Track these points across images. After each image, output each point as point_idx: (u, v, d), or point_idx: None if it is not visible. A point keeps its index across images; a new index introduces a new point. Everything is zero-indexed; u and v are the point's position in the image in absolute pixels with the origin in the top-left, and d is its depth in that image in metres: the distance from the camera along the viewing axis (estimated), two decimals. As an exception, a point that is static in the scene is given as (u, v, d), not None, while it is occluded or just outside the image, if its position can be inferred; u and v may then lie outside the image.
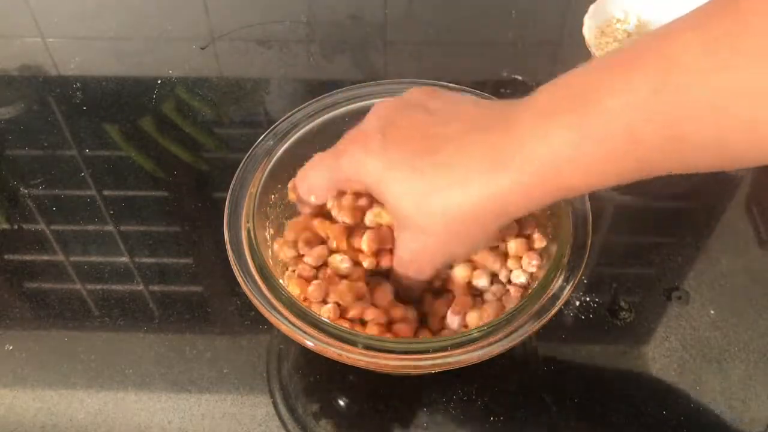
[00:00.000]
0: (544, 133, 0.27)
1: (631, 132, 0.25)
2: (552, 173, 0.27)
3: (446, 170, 0.29)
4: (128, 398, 0.40)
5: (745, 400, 0.40)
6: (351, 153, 0.32)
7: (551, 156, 0.27)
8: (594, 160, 0.26)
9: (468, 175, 0.29)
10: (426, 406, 0.40)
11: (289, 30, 0.64)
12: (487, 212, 0.30)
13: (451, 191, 0.29)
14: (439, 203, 0.30)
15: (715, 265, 0.47)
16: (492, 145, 0.29)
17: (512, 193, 0.29)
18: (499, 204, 0.29)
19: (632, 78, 0.25)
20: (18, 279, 0.46)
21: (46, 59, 0.62)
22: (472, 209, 0.29)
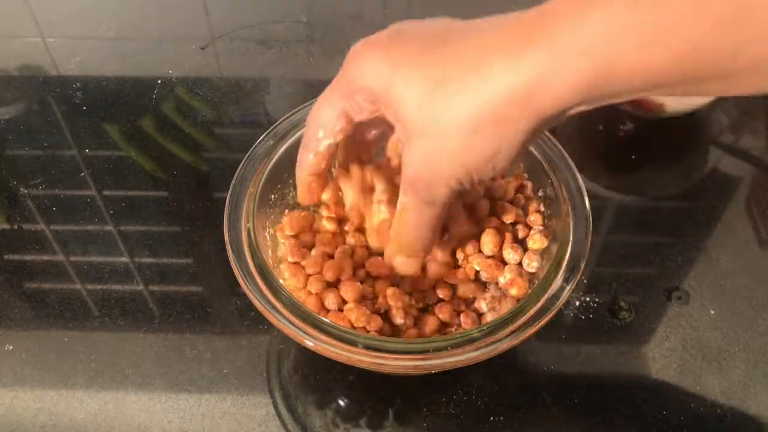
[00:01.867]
0: (571, 25, 0.23)
1: (677, 25, 0.21)
2: (590, 55, 0.23)
3: (463, 58, 0.25)
4: (128, 398, 0.40)
5: (745, 400, 0.40)
6: (354, 59, 0.29)
7: (593, 31, 0.23)
8: (645, 39, 0.22)
9: (489, 59, 0.25)
10: (426, 406, 0.40)
11: (289, 30, 0.64)
12: (510, 106, 0.25)
13: (467, 82, 0.25)
14: (455, 97, 0.25)
15: (715, 265, 0.47)
16: (519, 26, 0.24)
17: (541, 82, 0.24)
18: (525, 95, 0.24)
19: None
20: (18, 279, 0.46)
21: (46, 59, 0.62)
22: (493, 102, 0.25)
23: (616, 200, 0.51)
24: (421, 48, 0.27)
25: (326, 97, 0.31)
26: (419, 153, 0.28)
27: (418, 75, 0.26)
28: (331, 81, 0.31)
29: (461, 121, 0.25)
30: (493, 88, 0.25)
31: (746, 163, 0.54)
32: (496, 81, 0.24)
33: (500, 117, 0.25)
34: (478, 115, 0.25)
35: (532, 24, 0.24)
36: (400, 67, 0.27)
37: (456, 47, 0.26)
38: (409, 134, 0.28)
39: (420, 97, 0.26)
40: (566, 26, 0.23)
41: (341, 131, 0.31)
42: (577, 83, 0.24)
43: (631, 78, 0.23)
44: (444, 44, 0.26)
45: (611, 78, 0.23)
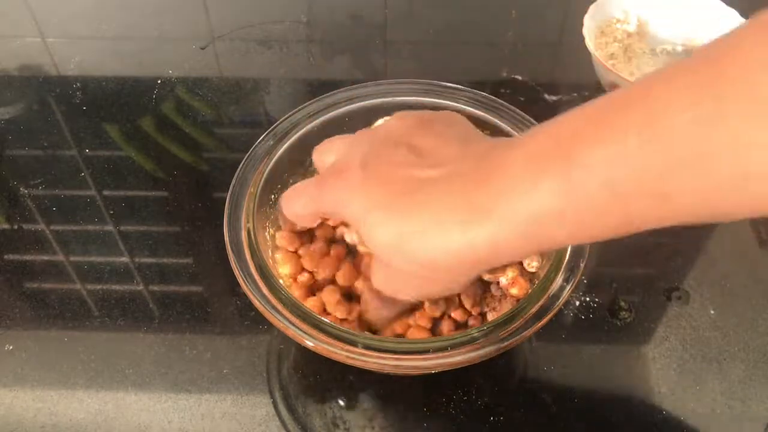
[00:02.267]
0: (525, 186, 0.26)
1: (614, 187, 0.24)
2: (533, 227, 0.26)
3: (425, 215, 0.28)
4: (128, 398, 0.40)
5: (745, 400, 0.40)
6: (332, 188, 0.32)
7: (532, 209, 0.26)
8: (577, 215, 0.25)
9: (445, 224, 0.28)
10: (426, 406, 0.40)
11: (289, 30, 0.64)
12: (463, 261, 0.28)
13: (428, 237, 0.28)
14: (417, 247, 0.29)
15: (715, 265, 0.47)
16: (468, 196, 0.28)
17: (490, 245, 0.27)
18: (476, 254, 0.28)
19: (616, 130, 0.23)
20: (18, 279, 0.46)
21: (46, 59, 0.62)
22: (448, 257, 0.28)
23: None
24: (390, 195, 0.30)
25: (301, 197, 0.35)
26: (384, 276, 0.33)
27: (389, 223, 0.29)
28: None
29: (424, 265, 0.29)
30: (450, 249, 0.28)
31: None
32: (453, 243, 0.28)
33: (454, 267, 0.29)
34: (438, 264, 0.29)
35: (478, 197, 0.27)
36: (373, 210, 0.30)
37: (421, 204, 0.29)
38: (379, 260, 0.33)
39: (392, 242, 0.29)
40: (508, 206, 0.27)
41: (312, 223, 0.38)
42: (518, 249, 0.28)
43: (571, 240, 0.29)
44: (412, 195, 0.29)
45: (552, 242, 0.27)
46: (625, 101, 0.24)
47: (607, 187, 0.24)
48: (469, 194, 0.28)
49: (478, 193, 0.27)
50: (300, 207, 0.35)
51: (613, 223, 0.26)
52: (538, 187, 0.25)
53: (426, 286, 0.32)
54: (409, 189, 0.29)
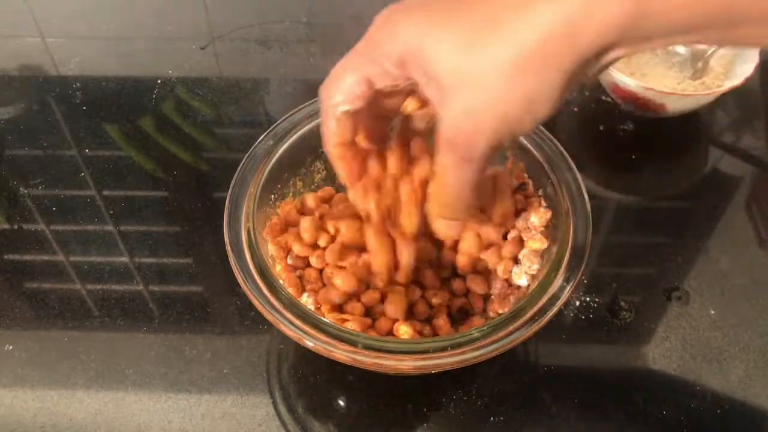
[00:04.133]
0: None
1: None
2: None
3: (496, 6, 0.25)
4: (128, 398, 0.40)
5: (745, 400, 0.40)
6: (383, 23, 0.28)
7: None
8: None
9: (525, 14, 0.24)
10: (426, 406, 0.40)
11: (289, 30, 0.64)
12: (553, 44, 0.24)
13: (507, 25, 0.24)
14: (495, 44, 0.25)
15: (715, 265, 0.47)
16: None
17: (581, 17, 0.23)
18: (566, 32, 0.24)
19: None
20: (18, 279, 0.46)
21: (46, 59, 0.62)
22: (535, 41, 0.24)
23: (616, 200, 0.51)
24: (454, 5, 0.26)
25: (347, 63, 0.30)
26: (458, 107, 0.27)
27: (454, 28, 0.25)
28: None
29: (503, 65, 0.25)
30: (534, 27, 0.24)
31: (746, 163, 0.54)
32: (537, 19, 0.24)
33: (543, 56, 0.24)
34: (520, 57, 0.24)
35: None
36: (435, 23, 0.26)
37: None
38: (445, 91, 0.27)
39: (458, 49, 0.25)
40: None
41: (360, 97, 0.30)
42: (616, 18, 0.23)
43: (668, 14, 0.23)
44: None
45: (650, 12, 0.23)
46: None
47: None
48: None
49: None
50: (344, 76, 0.30)
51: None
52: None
53: (510, 101, 0.26)
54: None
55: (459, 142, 0.28)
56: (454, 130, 0.28)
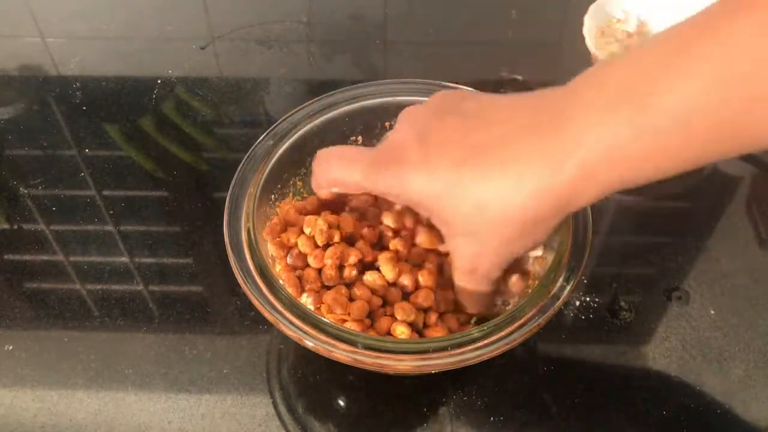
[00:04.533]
0: (599, 131, 0.27)
1: (689, 126, 0.25)
2: (609, 168, 0.27)
3: (502, 172, 0.29)
4: (128, 398, 0.40)
5: (745, 400, 0.40)
6: (390, 169, 0.31)
7: (608, 152, 0.27)
8: (653, 154, 0.26)
9: (523, 179, 0.28)
10: (426, 406, 0.40)
11: (289, 30, 0.64)
12: (545, 210, 0.29)
13: (506, 194, 0.29)
14: (496, 207, 0.29)
15: (715, 265, 0.47)
16: (545, 148, 0.28)
17: (570, 191, 0.28)
18: (557, 201, 0.29)
19: (686, 71, 0.25)
20: (18, 279, 0.46)
21: (46, 59, 0.62)
22: (530, 209, 0.29)
23: (616, 200, 0.51)
24: (452, 163, 0.30)
25: (350, 168, 0.34)
26: (469, 248, 0.32)
27: (460, 190, 0.29)
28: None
29: (506, 224, 0.30)
30: (532, 202, 0.29)
31: (746, 163, 0.54)
32: (534, 196, 0.28)
33: (538, 217, 0.29)
34: (521, 219, 0.29)
35: (555, 147, 0.28)
36: (438, 182, 0.30)
37: (492, 165, 0.29)
38: (454, 234, 0.32)
39: (467, 208, 0.30)
40: (585, 152, 0.27)
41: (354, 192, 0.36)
42: (598, 189, 0.28)
43: (645, 179, 0.28)
44: (479, 158, 0.29)
45: (629, 182, 0.28)
46: (687, 42, 0.26)
47: (684, 126, 0.25)
48: (542, 149, 0.28)
49: (550, 146, 0.28)
50: (346, 175, 0.34)
51: (686, 158, 0.27)
52: (608, 131, 0.26)
53: (510, 247, 0.31)
54: (473, 154, 0.29)
55: (477, 275, 0.33)
56: (463, 273, 0.34)
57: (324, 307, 0.35)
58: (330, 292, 0.36)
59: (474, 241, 0.31)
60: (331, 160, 0.35)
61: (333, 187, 0.36)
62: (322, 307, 0.36)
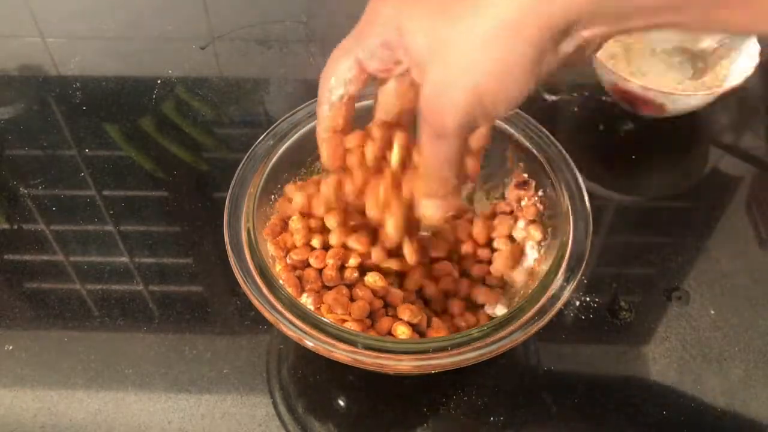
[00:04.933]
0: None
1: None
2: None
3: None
4: (128, 398, 0.40)
5: (745, 400, 0.40)
6: (369, 8, 0.29)
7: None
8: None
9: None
10: (426, 406, 0.40)
11: (289, 30, 0.64)
12: (517, 16, 0.24)
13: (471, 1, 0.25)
14: (462, 18, 0.25)
15: (715, 265, 0.47)
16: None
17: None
18: (531, 3, 0.24)
19: None
20: (18, 279, 0.46)
21: (46, 59, 0.62)
22: (505, 13, 0.24)
23: (616, 200, 0.51)
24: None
25: (341, 47, 0.31)
26: (430, 82, 0.27)
27: (428, 4, 0.26)
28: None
29: (472, 37, 0.25)
30: (499, 2, 0.24)
31: (746, 163, 0.54)
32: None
33: (511, 27, 0.24)
34: (489, 28, 0.24)
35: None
36: (408, 4, 0.27)
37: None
38: (422, 68, 0.27)
39: (430, 24, 0.26)
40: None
41: (353, 81, 0.31)
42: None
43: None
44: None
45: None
46: None
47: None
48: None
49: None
50: (338, 61, 0.31)
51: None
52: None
53: (479, 74, 0.25)
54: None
55: (430, 117, 0.28)
56: (426, 106, 0.27)
57: (324, 307, 0.35)
58: (331, 293, 0.36)
59: (437, 67, 0.26)
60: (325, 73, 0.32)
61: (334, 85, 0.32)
62: (322, 307, 0.36)
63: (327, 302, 0.35)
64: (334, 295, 0.35)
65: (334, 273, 0.36)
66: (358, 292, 0.36)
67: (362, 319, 0.35)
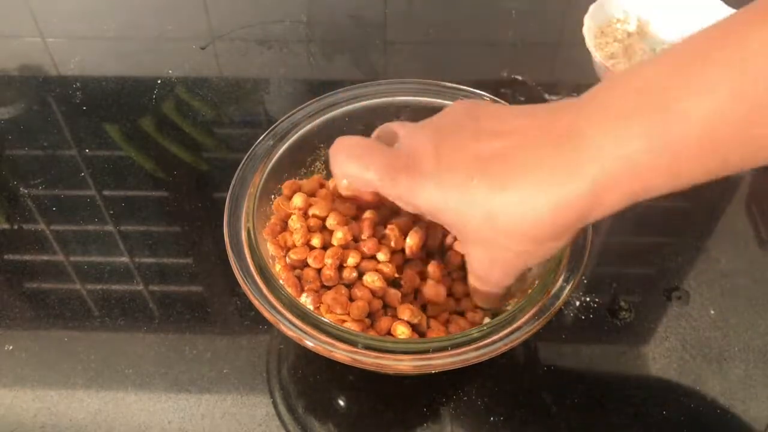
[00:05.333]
0: (618, 141, 0.26)
1: (712, 134, 0.25)
2: (628, 179, 0.26)
3: (517, 182, 0.28)
4: (128, 398, 0.40)
5: (745, 400, 0.40)
6: (403, 177, 0.31)
7: (628, 163, 0.26)
8: (673, 163, 0.26)
9: (540, 186, 0.27)
10: (426, 406, 0.40)
11: (289, 30, 0.64)
12: (560, 223, 0.28)
13: (519, 206, 0.28)
14: (512, 220, 0.28)
15: (715, 265, 0.47)
16: (561, 159, 0.27)
17: (587, 203, 0.27)
18: (573, 213, 0.28)
19: (709, 78, 0.24)
20: (18, 279, 0.46)
21: (46, 59, 0.62)
22: (546, 223, 0.28)
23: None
24: (465, 173, 0.29)
25: (367, 167, 0.32)
26: (484, 256, 0.32)
27: (473, 201, 0.29)
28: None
29: (522, 237, 0.29)
30: (547, 215, 0.28)
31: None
32: (549, 208, 0.28)
33: (554, 230, 0.29)
34: (536, 232, 0.29)
35: (572, 158, 0.27)
36: (452, 192, 0.29)
37: (508, 171, 0.28)
38: (469, 242, 0.32)
39: (479, 219, 0.29)
40: (603, 163, 0.26)
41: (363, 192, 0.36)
42: (614, 201, 0.27)
43: (665, 189, 0.27)
44: (494, 167, 0.28)
45: (646, 192, 0.27)
46: (706, 50, 0.25)
47: (705, 135, 0.25)
48: (558, 152, 0.27)
49: (566, 149, 0.27)
50: (360, 172, 0.32)
51: (707, 168, 0.26)
52: (628, 141, 0.26)
53: (525, 257, 0.31)
54: (486, 164, 0.29)
55: (479, 281, 0.34)
56: (474, 273, 0.34)
57: (323, 306, 0.35)
58: (330, 292, 0.36)
59: (487, 249, 0.31)
60: (346, 155, 0.33)
61: (345, 179, 0.35)
62: (322, 306, 0.36)
63: (326, 302, 0.35)
64: (333, 295, 0.35)
65: (332, 273, 0.36)
66: (357, 292, 0.36)
67: (362, 318, 0.35)
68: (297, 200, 0.38)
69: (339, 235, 0.37)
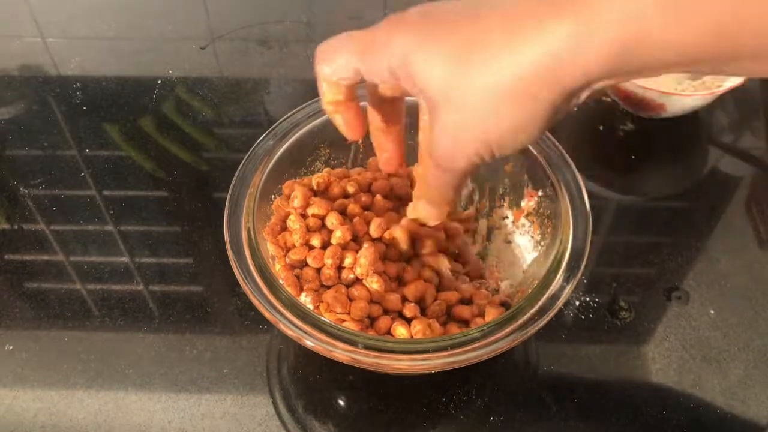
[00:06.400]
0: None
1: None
2: (619, 25, 0.22)
3: (489, 29, 0.25)
4: (128, 398, 0.40)
5: (745, 400, 0.40)
6: (384, 27, 0.28)
7: (620, 3, 0.22)
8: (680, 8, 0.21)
9: (515, 30, 0.24)
10: (426, 406, 0.40)
11: (289, 30, 0.64)
12: (536, 79, 0.24)
13: (492, 53, 0.24)
14: (479, 70, 0.25)
15: (715, 265, 0.47)
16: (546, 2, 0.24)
17: (569, 53, 0.23)
18: (551, 68, 0.24)
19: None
20: (18, 279, 0.46)
21: (46, 59, 0.62)
22: (518, 74, 0.24)
23: (616, 200, 0.51)
24: (449, 23, 0.26)
25: (345, 45, 0.30)
26: (441, 124, 0.27)
27: (445, 45, 0.26)
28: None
29: (486, 91, 0.25)
30: (518, 60, 0.24)
31: (746, 163, 0.54)
32: (522, 52, 0.24)
33: (526, 88, 0.25)
34: (502, 89, 0.25)
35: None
36: (427, 38, 0.26)
37: (483, 20, 0.25)
38: (433, 104, 0.28)
39: (445, 68, 0.26)
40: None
41: (347, 79, 0.31)
42: (606, 55, 0.23)
43: (662, 51, 0.23)
44: (472, 17, 0.25)
45: (641, 50, 0.23)
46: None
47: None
48: (535, 2, 0.24)
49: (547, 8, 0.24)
50: (339, 56, 0.30)
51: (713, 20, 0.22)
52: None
53: (490, 125, 0.26)
54: (468, 14, 0.26)
55: (440, 157, 0.29)
56: (436, 145, 0.29)
57: (323, 306, 0.35)
58: (330, 291, 0.36)
59: (451, 114, 0.27)
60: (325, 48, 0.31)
61: (327, 64, 0.31)
62: (321, 306, 0.36)
63: (326, 301, 0.35)
64: (332, 294, 0.35)
65: (332, 272, 0.36)
66: (356, 292, 0.36)
67: (361, 318, 0.35)
68: (296, 199, 0.39)
69: (338, 235, 0.37)
